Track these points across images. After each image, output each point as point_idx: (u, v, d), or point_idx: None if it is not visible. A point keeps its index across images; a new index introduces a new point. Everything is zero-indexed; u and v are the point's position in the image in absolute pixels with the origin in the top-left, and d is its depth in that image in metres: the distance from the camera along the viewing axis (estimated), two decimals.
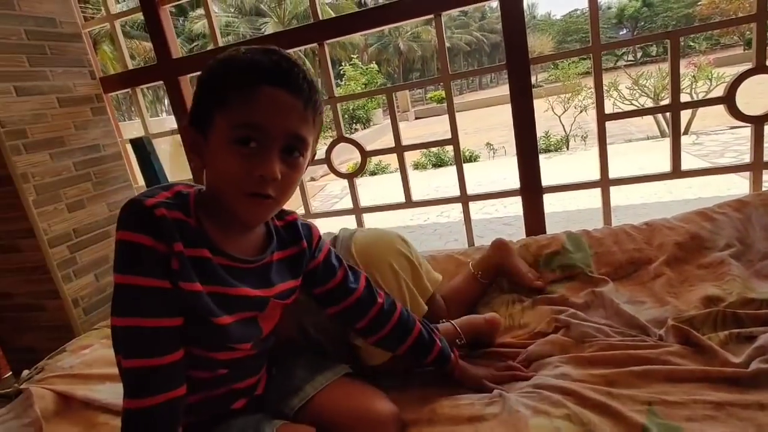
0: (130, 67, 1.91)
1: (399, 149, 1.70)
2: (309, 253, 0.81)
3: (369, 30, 1.67)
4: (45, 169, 1.62)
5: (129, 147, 1.91)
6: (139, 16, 1.80)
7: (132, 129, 2.18)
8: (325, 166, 1.82)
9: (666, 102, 1.49)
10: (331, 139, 1.79)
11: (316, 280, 0.83)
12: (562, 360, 0.91)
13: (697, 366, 0.81)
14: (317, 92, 0.67)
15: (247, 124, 0.61)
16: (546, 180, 1.57)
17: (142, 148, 1.86)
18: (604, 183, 1.54)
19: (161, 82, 1.85)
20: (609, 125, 1.48)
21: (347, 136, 1.74)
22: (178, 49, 1.84)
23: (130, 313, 0.60)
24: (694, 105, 1.52)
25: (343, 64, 16.99)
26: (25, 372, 1.15)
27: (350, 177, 1.80)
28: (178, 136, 1.92)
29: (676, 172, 1.47)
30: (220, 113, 0.62)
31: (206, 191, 0.69)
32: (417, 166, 8.48)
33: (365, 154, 1.75)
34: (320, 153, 1.78)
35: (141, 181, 1.96)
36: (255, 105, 0.61)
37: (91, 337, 1.27)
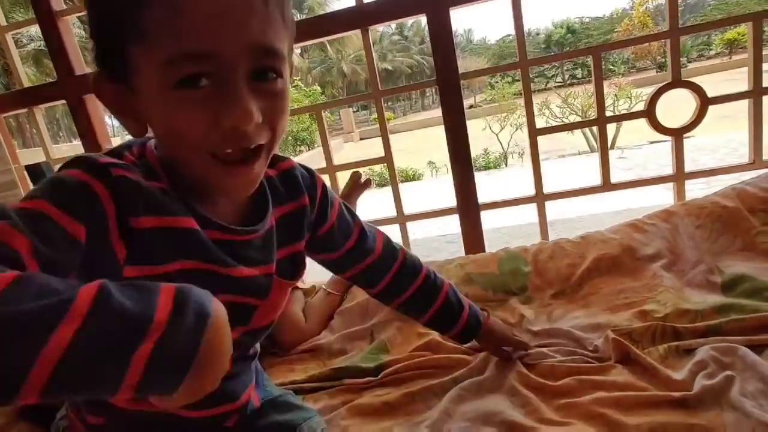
0: (26, 84, 1.70)
1: (330, 169, 1.61)
2: (312, 211, 0.64)
3: (296, 43, 1.59)
4: None
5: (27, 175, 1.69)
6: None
7: (69, 152, 1.93)
8: None
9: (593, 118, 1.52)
10: None
11: (333, 245, 0.68)
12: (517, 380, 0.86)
13: (642, 388, 0.79)
14: None
15: (186, 55, 0.41)
16: (487, 196, 1.54)
17: (41, 175, 1.65)
18: (539, 198, 1.53)
19: (63, 101, 1.66)
20: (544, 143, 1.48)
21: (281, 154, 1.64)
22: (83, 65, 1.66)
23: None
24: (619, 119, 1.57)
25: None
26: None
27: None
28: None
29: (607, 185, 1.48)
30: (136, 47, 0.41)
31: (164, 157, 0.50)
32: None
33: None
34: None
35: None
36: (187, 20, 0.40)
37: None
